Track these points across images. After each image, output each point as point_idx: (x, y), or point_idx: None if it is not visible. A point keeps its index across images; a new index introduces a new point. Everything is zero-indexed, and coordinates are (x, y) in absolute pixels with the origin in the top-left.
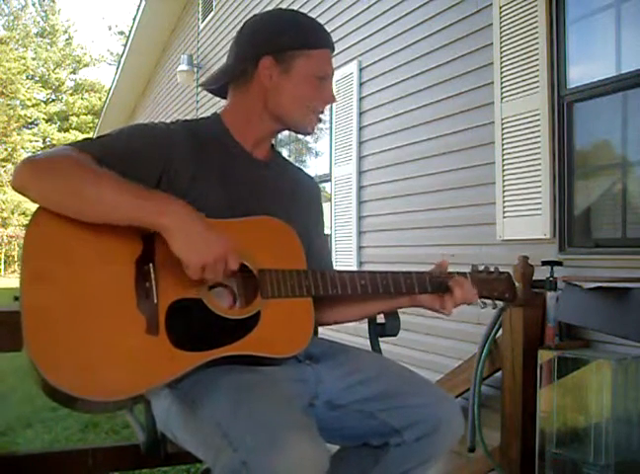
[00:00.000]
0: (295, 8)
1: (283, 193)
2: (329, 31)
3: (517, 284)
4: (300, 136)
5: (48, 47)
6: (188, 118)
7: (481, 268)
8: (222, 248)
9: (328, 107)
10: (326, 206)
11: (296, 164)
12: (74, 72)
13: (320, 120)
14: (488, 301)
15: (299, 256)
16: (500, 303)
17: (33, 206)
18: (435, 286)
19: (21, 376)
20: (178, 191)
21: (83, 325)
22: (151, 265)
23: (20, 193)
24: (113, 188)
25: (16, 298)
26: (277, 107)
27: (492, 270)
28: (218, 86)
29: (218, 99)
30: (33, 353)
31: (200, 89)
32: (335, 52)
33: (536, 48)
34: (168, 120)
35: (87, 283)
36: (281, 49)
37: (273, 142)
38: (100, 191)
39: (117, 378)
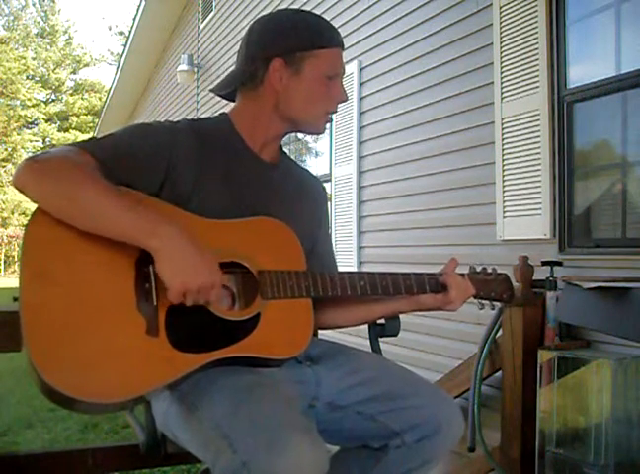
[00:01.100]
0: (296, 7)
1: (289, 194)
2: None
3: (516, 285)
4: (301, 136)
5: (48, 47)
6: (188, 117)
7: (479, 268)
8: (209, 279)
9: None
10: None
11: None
12: (74, 72)
13: (331, 120)
14: (486, 302)
15: (299, 256)
16: (498, 304)
17: (33, 206)
18: (433, 286)
19: (20, 377)
20: (182, 191)
21: (82, 325)
22: (151, 266)
23: (20, 191)
24: (107, 201)
25: (15, 299)
26: (288, 109)
27: (490, 271)
28: (229, 91)
29: (219, 99)
30: (32, 353)
31: (199, 89)
32: None
33: (536, 48)
34: (173, 120)
35: (87, 284)
36: (291, 51)
37: (280, 144)
38: (94, 202)
39: (116, 380)
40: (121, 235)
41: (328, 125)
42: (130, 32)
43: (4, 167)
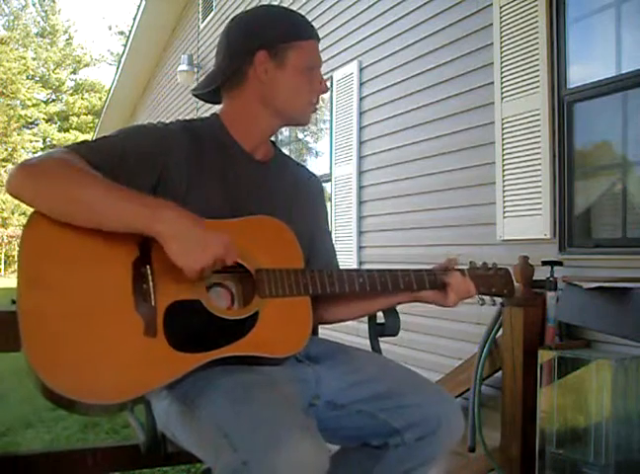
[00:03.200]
0: (295, 8)
1: (284, 192)
2: (329, 31)
3: (516, 285)
4: (300, 136)
5: (48, 47)
6: (188, 118)
7: (479, 264)
8: (219, 247)
9: (328, 106)
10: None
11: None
12: (74, 72)
13: (315, 110)
14: (487, 298)
15: (297, 254)
16: (498, 299)
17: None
18: (432, 283)
19: (20, 376)
20: (176, 193)
21: (80, 328)
22: (148, 266)
23: (14, 197)
24: (105, 193)
25: (13, 301)
26: (274, 101)
27: (490, 266)
28: (210, 91)
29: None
30: (30, 356)
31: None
32: (335, 52)
33: (536, 48)
34: (168, 121)
35: (84, 286)
36: (274, 42)
37: (273, 139)
38: (92, 196)
39: (115, 381)
40: (125, 225)
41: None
42: (130, 32)
43: (4, 167)
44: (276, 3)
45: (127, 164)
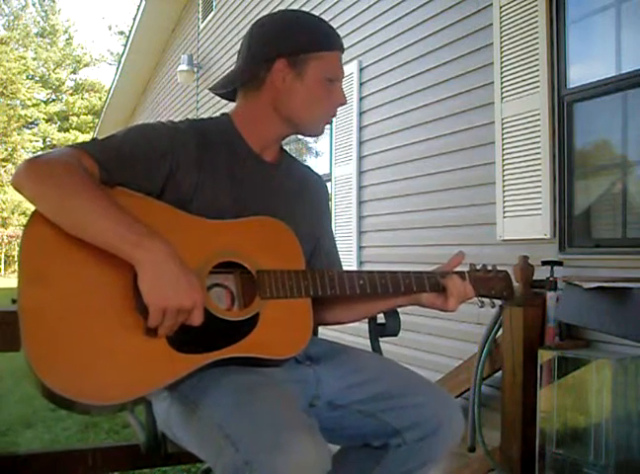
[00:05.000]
0: (296, 8)
1: (290, 193)
2: None
3: (516, 284)
4: (300, 136)
5: (48, 47)
6: (189, 117)
7: (479, 266)
8: (190, 300)
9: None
10: None
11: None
12: (74, 72)
13: (330, 122)
14: (486, 300)
15: (298, 256)
16: (498, 301)
17: (32, 206)
18: (432, 285)
19: (20, 377)
20: (185, 192)
21: (81, 328)
22: None
23: (17, 191)
24: (97, 209)
25: (14, 301)
26: (288, 110)
27: (490, 268)
28: (228, 91)
29: (219, 99)
30: (30, 356)
31: (199, 89)
32: None
33: (536, 48)
34: (176, 120)
35: (85, 285)
36: (295, 52)
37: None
38: (82, 212)
39: (115, 382)
40: (106, 244)
41: (327, 127)
42: (130, 32)
43: (4, 167)
44: (276, 3)
45: (137, 164)
